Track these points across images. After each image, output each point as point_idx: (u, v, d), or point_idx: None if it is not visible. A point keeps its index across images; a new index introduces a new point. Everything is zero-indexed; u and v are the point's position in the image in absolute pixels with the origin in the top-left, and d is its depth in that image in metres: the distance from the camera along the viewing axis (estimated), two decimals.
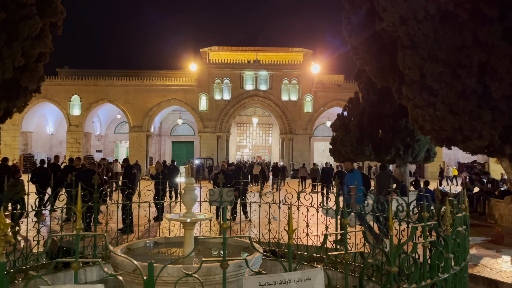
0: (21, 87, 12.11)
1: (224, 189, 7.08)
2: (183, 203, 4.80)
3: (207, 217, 4.94)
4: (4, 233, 2.05)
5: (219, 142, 37.17)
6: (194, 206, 4.89)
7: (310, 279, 2.35)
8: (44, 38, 12.04)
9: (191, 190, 4.76)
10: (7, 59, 10.83)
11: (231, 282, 4.09)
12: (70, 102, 36.75)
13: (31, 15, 11.32)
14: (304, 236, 7.04)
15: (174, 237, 5.65)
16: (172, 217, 4.75)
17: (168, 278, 3.59)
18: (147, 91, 36.72)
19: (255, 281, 2.28)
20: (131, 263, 4.03)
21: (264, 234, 7.20)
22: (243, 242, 5.31)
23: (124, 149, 42.08)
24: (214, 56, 39.09)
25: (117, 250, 4.59)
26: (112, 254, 4.31)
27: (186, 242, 4.66)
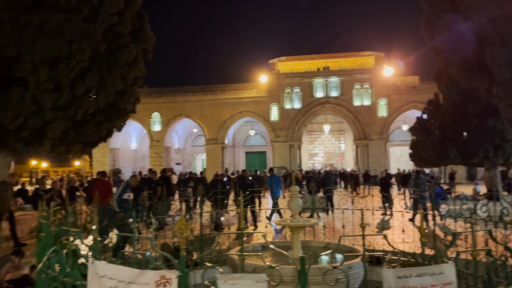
0: (120, 109, 13.40)
1: (316, 196, 7.36)
2: (289, 209, 5.17)
3: (313, 223, 5.25)
4: (184, 232, 2.52)
5: (291, 151, 37.52)
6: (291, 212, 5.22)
7: (443, 273, 2.56)
8: (138, 63, 13.26)
9: (296, 197, 5.11)
10: (109, 84, 12.08)
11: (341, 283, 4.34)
12: (151, 119, 39.33)
13: (127, 43, 12.55)
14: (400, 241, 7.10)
15: (278, 241, 6.02)
16: (281, 222, 5.12)
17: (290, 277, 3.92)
18: (220, 104, 38.22)
19: (393, 273, 2.54)
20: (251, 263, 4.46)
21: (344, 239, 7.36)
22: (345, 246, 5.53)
23: (201, 161, 43.97)
24: (283, 66, 39.70)
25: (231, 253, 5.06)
26: (231, 256, 4.77)
27: (294, 245, 5.00)
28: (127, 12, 12.31)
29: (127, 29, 12.35)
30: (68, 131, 11.97)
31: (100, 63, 11.85)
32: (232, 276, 2.49)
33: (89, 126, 12.72)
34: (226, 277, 2.50)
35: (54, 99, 11.01)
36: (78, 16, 11.00)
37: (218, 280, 2.52)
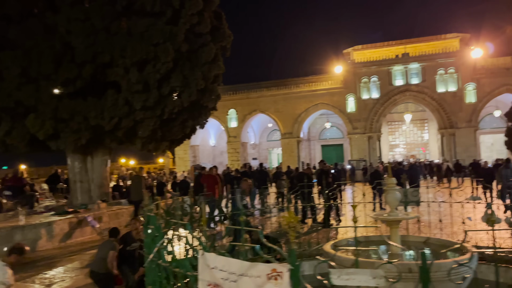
0: (202, 107, 13.85)
1: (409, 189, 6.97)
2: (386, 203, 4.93)
3: (413, 216, 4.96)
4: (294, 225, 2.47)
5: (370, 143, 36.24)
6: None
7: None
8: (217, 61, 13.59)
9: (394, 190, 4.86)
10: (192, 83, 12.52)
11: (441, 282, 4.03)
12: (227, 115, 40.35)
13: (207, 42, 12.90)
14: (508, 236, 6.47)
15: (373, 236, 5.79)
16: (378, 216, 4.91)
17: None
18: (294, 98, 38.05)
19: None
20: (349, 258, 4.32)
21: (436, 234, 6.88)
22: (447, 241, 5.17)
23: (276, 156, 44.23)
24: (358, 55, 38.39)
25: (326, 247, 4.96)
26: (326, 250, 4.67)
27: (393, 240, 4.76)
28: (206, 12, 12.66)
29: (207, 28, 12.70)
30: (156, 129, 12.65)
31: (183, 63, 12.34)
32: (346, 271, 2.40)
33: (174, 124, 13.33)
34: (340, 271, 2.41)
35: (143, 100, 11.68)
36: (162, 20, 11.54)
37: (331, 274, 2.44)
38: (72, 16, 10.70)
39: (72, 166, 13.13)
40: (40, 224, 9.78)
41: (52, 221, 10.19)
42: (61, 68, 10.77)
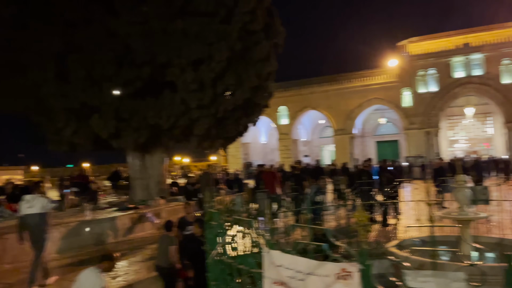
0: (255, 104, 13.92)
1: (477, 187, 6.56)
2: (456, 201, 4.66)
3: (483, 216, 4.65)
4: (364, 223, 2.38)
5: (427, 139, 34.69)
6: None
7: None
8: (270, 58, 13.58)
9: (464, 187, 4.58)
10: (245, 81, 12.61)
11: None
12: (278, 112, 40.31)
13: (260, 40, 12.92)
14: None
15: (440, 236, 5.51)
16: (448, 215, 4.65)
17: None
18: (347, 93, 37.25)
19: None
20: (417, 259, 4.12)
21: (508, 235, 6.39)
22: None
23: (328, 153, 43.57)
24: (414, 47, 36.79)
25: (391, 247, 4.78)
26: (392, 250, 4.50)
27: (465, 240, 4.49)
28: (259, 9, 12.67)
29: (260, 26, 12.72)
30: (211, 127, 12.88)
31: (237, 61, 12.45)
32: (423, 273, 2.27)
33: (228, 122, 13.51)
34: (416, 273, 2.29)
35: (198, 98, 11.93)
36: (216, 19, 11.71)
37: (406, 276, 2.32)
38: (131, 20, 11.12)
39: (132, 164, 13.71)
40: (104, 219, 10.30)
41: (115, 216, 10.70)
42: (122, 70, 11.24)
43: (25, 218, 6.73)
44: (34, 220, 6.67)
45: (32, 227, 6.67)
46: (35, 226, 6.67)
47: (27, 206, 6.79)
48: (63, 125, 12.38)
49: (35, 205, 6.74)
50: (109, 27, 11.30)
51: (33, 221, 6.67)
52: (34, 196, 6.89)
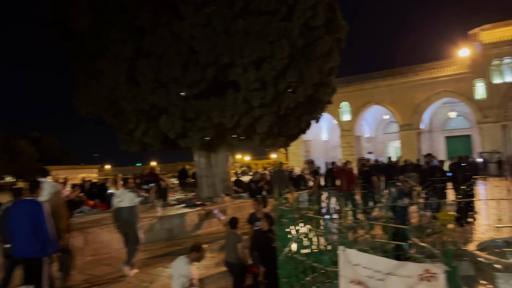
0: (317, 101, 13.75)
1: None
2: None
3: None
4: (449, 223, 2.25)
5: (504, 133, 32.20)
6: None
7: None
8: (332, 54, 13.34)
9: None
10: (307, 78, 12.49)
11: None
12: (339, 109, 39.52)
13: (321, 35, 12.73)
14: None
15: None
16: None
17: None
18: (413, 87, 35.61)
19: None
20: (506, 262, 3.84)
21: None
22: None
23: (393, 149, 41.96)
24: (487, 35, 34.26)
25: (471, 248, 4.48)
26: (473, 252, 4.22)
27: None
28: (320, 4, 12.49)
29: (321, 21, 12.55)
30: (273, 125, 12.94)
31: (298, 58, 12.38)
32: None
33: (290, 120, 13.48)
34: (508, 276, 2.12)
35: (261, 97, 12.03)
36: (277, 17, 11.72)
37: (498, 279, 2.16)
38: (195, 22, 11.47)
39: (198, 162, 14.16)
40: (174, 215, 10.75)
41: (184, 212, 11.12)
42: (188, 71, 11.63)
43: (117, 211, 7.39)
44: (125, 213, 7.28)
45: (123, 219, 7.30)
46: (125, 218, 7.28)
47: (118, 201, 7.42)
48: (134, 126, 13.09)
49: (124, 199, 7.34)
50: (175, 30, 11.74)
51: (123, 213, 7.29)
52: (123, 191, 7.53)
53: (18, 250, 5.12)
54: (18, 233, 5.09)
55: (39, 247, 5.01)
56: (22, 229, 5.05)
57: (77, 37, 12.75)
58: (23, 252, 5.06)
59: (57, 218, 5.81)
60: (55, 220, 5.56)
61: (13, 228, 5.17)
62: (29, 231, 5.02)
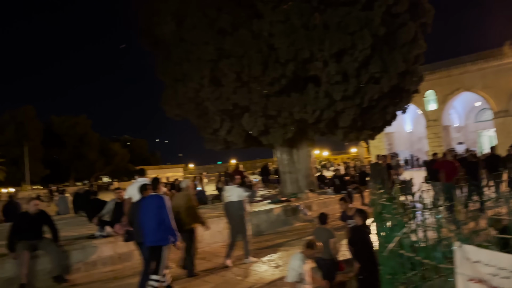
0: (403, 90, 13.09)
1: None
2: None
3: None
4: None
5: None
6: None
7: None
8: (417, 40, 12.62)
9: None
10: (391, 67, 11.95)
11: None
12: (424, 98, 37.23)
13: (405, 21, 12.09)
14: None
15: None
16: None
17: None
18: (508, 70, 32.39)
19: None
20: None
21: None
22: None
23: (487, 138, 38.58)
24: None
25: None
26: None
27: None
28: None
29: (404, 7, 11.92)
30: (356, 118, 12.59)
31: (381, 47, 11.89)
32: None
33: (374, 112, 13.01)
34: None
35: (343, 90, 11.77)
36: (356, 7, 11.37)
37: None
38: (274, 19, 11.52)
39: (280, 159, 14.26)
40: (261, 211, 10.93)
41: (270, 208, 11.26)
42: (268, 69, 11.74)
43: (227, 205, 7.94)
44: (233, 206, 7.81)
45: (232, 212, 7.84)
46: (234, 211, 7.81)
47: (227, 195, 7.99)
48: (218, 126, 13.55)
49: (233, 194, 7.87)
50: (254, 29, 11.91)
51: (232, 207, 7.82)
52: (232, 187, 8.02)
53: (147, 240, 5.86)
54: (147, 224, 5.84)
55: (161, 236, 5.75)
56: (150, 221, 5.79)
57: (163, 43, 13.52)
58: (151, 241, 5.81)
59: (184, 210, 6.88)
60: (182, 211, 6.73)
61: (142, 220, 5.91)
62: (155, 223, 5.74)
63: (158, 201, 5.90)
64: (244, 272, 7.17)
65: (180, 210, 6.88)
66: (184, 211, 6.99)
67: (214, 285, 6.55)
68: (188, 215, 7.04)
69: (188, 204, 7.10)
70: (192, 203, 7.31)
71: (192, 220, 7.13)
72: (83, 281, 7.06)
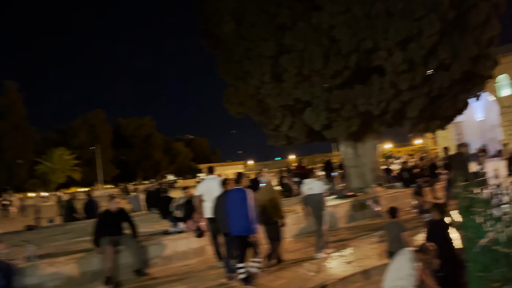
0: (476, 76, 12.31)
1: None
2: None
3: None
4: None
5: None
6: None
7: None
8: (490, 21, 11.79)
9: None
10: (462, 52, 11.28)
11: None
12: (496, 83, 34.64)
13: (476, 3, 11.35)
14: None
15: None
16: None
17: None
18: None
19: None
20: None
21: None
22: None
23: None
24: None
25: None
26: None
27: None
28: None
29: None
30: (425, 108, 12.02)
31: (450, 32, 11.23)
32: None
33: (444, 100, 12.35)
34: None
35: (409, 79, 11.29)
36: None
37: None
38: (334, 11, 11.29)
39: (345, 153, 13.98)
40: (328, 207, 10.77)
41: (337, 204, 11.09)
42: (329, 62, 11.53)
43: (306, 198, 8.13)
44: (313, 199, 7.98)
45: (312, 205, 8.00)
46: (314, 204, 7.97)
47: (307, 188, 8.18)
48: (280, 122, 13.57)
49: (313, 187, 8.06)
50: (313, 23, 11.75)
51: (312, 200, 7.99)
52: (312, 180, 8.24)
53: (234, 230, 6.33)
54: (233, 215, 6.32)
55: (248, 227, 6.24)
56: (236, 213, 6.28)
57: (223, 43, 13.76)
58: (238, 231, 6.28)
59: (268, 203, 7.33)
60: (267, 205, 7.22)
61: (229, 212, 6.39)
62: (241, 214, 6.24)
63: (243, 194, 6.36)
64: (316, 268, 7.13)
65: (265, 204, 7.24)
66: (268, 204, 7.36)
67: (287, 280, 6.59)
68: (272, 209, 7.40)
69: (271, 198, 7.51)
70: (275, 196, 7.63)
71: (276, 213, 7.49)
72: (161, 275, 7.41)
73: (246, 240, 6.31)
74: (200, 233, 8.05)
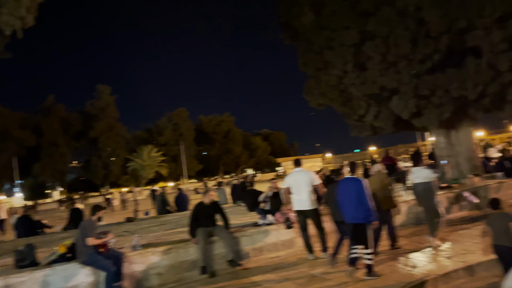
0: None
1: None
2: None
3: None
4: None
5: None
6: None
7: None
8: None
9: None
10: None
11: None
12: None
13: None
14: None
15: None
16: None
17: None
18: None
19: None
20: None
21: None
22: None
23: None
24: None
25: None
26: None
27: None
28: None
29: None
30: None
31: None
32: None
33: None
34: None
35: (510, 59, 10.28)
36: None
37: None
38: None
39: (437, 142, 13.14)
40: None
41: None
42: (417, 46, 10.90)
43: (415, 187, 8.01)
44: (420, 188, 7.80)
45: (419, 194, 7.84)
46: (422, 193, 7.78)
47: (414, 177, 7.99)
48: (364, 111, 13.13)
49: (420, 176, 7.85)
50: (398, 6, 11.16)
51: (420, 188, 7.82)
52: (419, 168, 8.05)
53: (347, 217, 6.46)
54: (347, 204, 6.45)
55: (363, 215, 6.26)
56: (350, 201, 6.37)
57: (303, 35, 13.63)
58: (352, 219, 6.38)
59: (380, 192, 7.32)
60: (378, 194, 7.20)
61: (342, 200, 6.55)
62: (355, 203, 6.31)
63: (357, 183, 6.44)
64: (413, 263, 6.80)
65: (376, 193, 7.16)
66: (380, 193, 7.31)
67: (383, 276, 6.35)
68: (384, 197, 7.38)
69: (382, 186, 7.46)
70: (386, 185, 7.60)
71: (388, 202, 7.46)
72: (253, 266, 7.58)
73: (363, 228, 6.32)
74: (290, 225, 8.08)
